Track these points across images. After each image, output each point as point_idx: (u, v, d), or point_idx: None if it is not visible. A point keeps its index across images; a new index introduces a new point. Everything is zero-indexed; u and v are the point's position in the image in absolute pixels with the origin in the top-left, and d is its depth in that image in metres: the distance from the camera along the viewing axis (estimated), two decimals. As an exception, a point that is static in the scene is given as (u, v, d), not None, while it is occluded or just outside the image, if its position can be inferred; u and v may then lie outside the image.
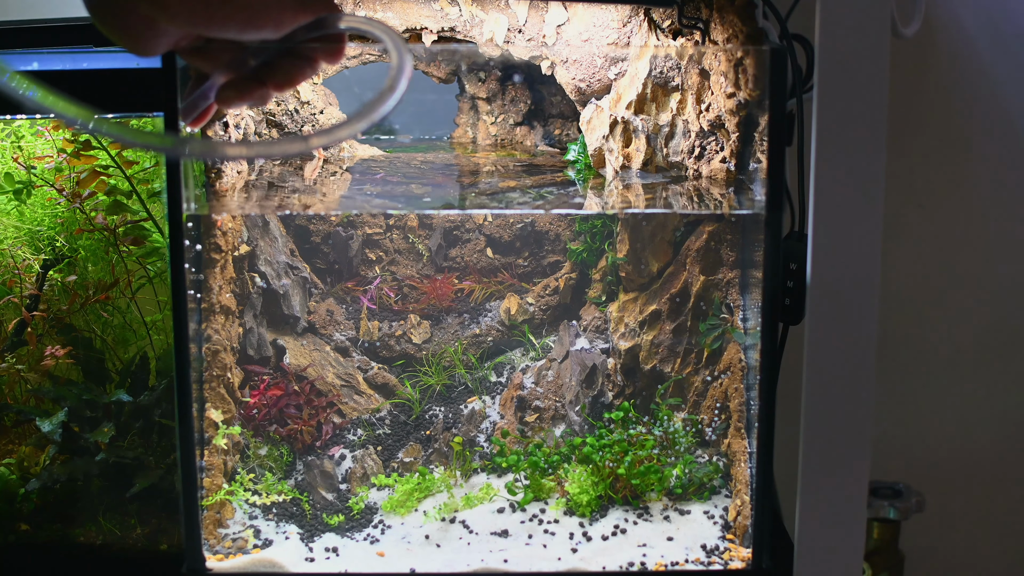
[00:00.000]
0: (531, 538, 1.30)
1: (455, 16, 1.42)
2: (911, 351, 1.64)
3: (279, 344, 1.49)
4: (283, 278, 1.51)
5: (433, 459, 1.46)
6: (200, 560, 1.21)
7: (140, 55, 0.78)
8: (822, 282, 1.06)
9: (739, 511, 1.29)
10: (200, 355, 1.29)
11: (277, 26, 0.77)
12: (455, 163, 1.52)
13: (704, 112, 1.28)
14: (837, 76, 1.03)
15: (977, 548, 1.68)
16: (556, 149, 1.59)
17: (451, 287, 1.64)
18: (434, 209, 1.46)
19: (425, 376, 1.58)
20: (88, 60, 1.26)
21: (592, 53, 1.43)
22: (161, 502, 1.40)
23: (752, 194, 1.20)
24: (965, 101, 1.57)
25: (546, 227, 1.65)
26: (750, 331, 1.30)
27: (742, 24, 1.16)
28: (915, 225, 1.61)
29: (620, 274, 1.55)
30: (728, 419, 1.36)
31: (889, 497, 1.46)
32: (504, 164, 1.47)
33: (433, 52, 1.50)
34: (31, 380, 1.46)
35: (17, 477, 1.41)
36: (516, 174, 1.40)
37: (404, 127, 1.60)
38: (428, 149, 1.57)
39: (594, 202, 1.36)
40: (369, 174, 1.42)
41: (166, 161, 1.11)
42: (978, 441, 1.65)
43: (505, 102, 1.61)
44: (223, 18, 0.74)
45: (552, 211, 1.54)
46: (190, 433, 1.19)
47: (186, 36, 0.79)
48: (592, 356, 1.52)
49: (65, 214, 1.50)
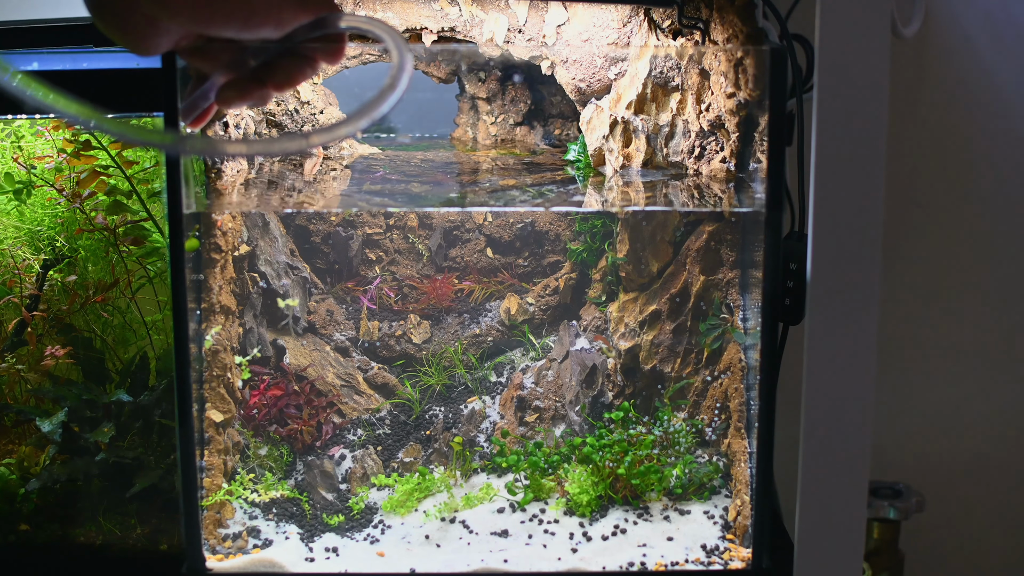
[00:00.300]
0: (531, 538, 1.30)
1: (455, 16, 1.42)
2: (911, 351, 1.64)
3: (279, 344, 1.49)
4: (283, 278, 1.51)
5: (433, 459, 1.46)
6: (200, 560, 1.21)
7: (141, 55, 0.78)
8: (822, 282, 1.06)
9: (739, 511, 1.29)
10: (200, 355, 1.29)
11: (278, 24, 0.77)
12: (455, 161, 1.52)
13: (704, 112, 1.28)
14: (837, 76, 1.03)
15: (977, 548, 1.68)
16: (556, 148, 1.59)
17: (451, 287, 1.64)
18: (434, 207, 1.46)
19: (425, 376, 1.58)
20: (88, 60, 1.26)
21: (592, 53, 1.43)
22: (161, 502, 1.40)
23: (752, 192, 1.20)
24: (965, 101, 1.57)
25: (546, 227, 1.65)
26: (750, 331, 1.30)
27: (742, 24, 1.16)
28: (915, 225, 1.61)
29: (620, 274, 1.55)
30: (728, 419, 1.36)
31: (889, 497, 1.46)
32: (504, 162, 1.47)
33: (433, 52, 1.50)
34: (31, 380, 1.46)
35: (17, 477, 1.41)
36: (516, 172, 1.40)
37: (404, 127, 1.60)
38: (428, 147, 1.57)
39: (594, 199, 1.36)
40: (369, 172, 1.42)
41: (166, 161, 1.11)
42: (978, 441, 1.65)
43: (505, 102, 1.61)
44: (224, 16, 0.74)
45: (552, 208, 1.54)
46: (190, 433, 1.19)
47: (187, 35, 0.79)
48: (592, 356, 1.52)
49: (65, 214, 1.50)
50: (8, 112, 1.35)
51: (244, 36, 0.78)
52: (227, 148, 0.74)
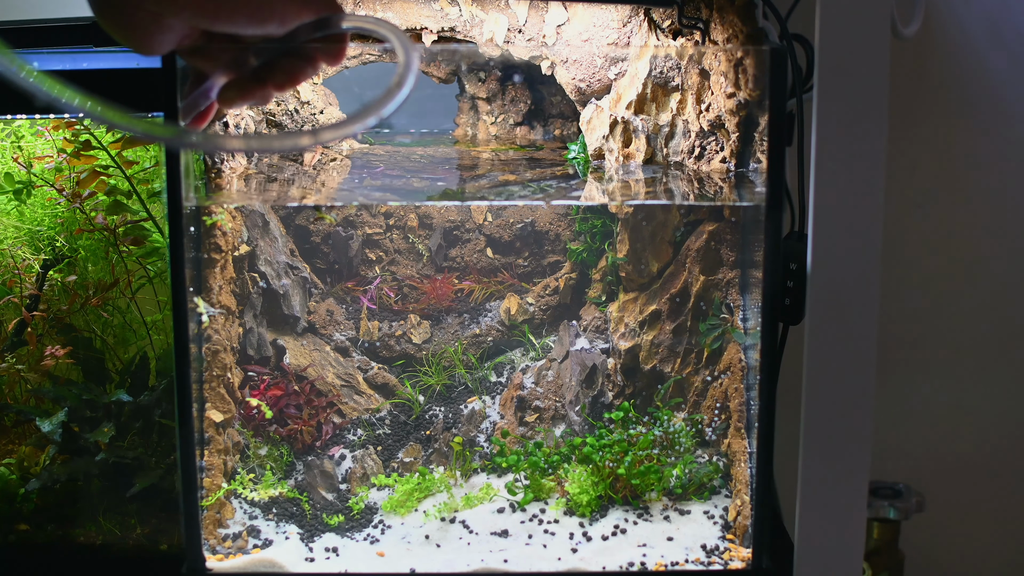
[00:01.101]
0: (531, 538, 1.30)
1: (455, 16, 1.42)
2: (911, 351, 1.64)
3: (279, 344, 1.49)
4: (283, 278, 1.51)
5: (433, 459, 1.46)
6: (200, 560, 1.21)
7: (145, 54, 0.78)
8: (822, 282, 1.06)
9: (739, 511, 1.29)
10: (200, 355, 1.29)
11: (281, 22, 0.77)
12: (455, 157, 1.52)
13: (704, 112, 1.28)
14: (837, 76, 1.03)
15: (977, 548, 1.68)
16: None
17: (451, 287, 1.64)
18: (433, 201, 1.46)
19: (425, 376, 1.58)
20: (88, 60, 1.26)
21: (592, 53, 1.43)
22: (161, 502, 1.40)
23: (753, 187, 1.20)
24: (965, 101, 1.57)
25: (546, 227, 1.65)
26: (750, 331, 1.30)
27: (742, 24, 1.16)
28: (915, 225, 1.61)
29: (620, 274, 1.55)
30: (728, 419, 1.36)
31: (889, 497, 1.46)
32: (505, 157, 1.46)
33: (433, 52, 1.50)
34: (31, 380, 1.46)
35: (17, 477, 1.41)
36: (516, 168, 1.40)
37: (404, 127, 1.61)
38: (429, 143, 1.57)
39: (595, 188, 1.36)
40: (369, 167, 1.41)
41: (166, 160, 1.11)
42: (978, 441, 1.65)
43: (505, 102, 1.61)
44: (229, 12, 0.74)
45: (554, 202, 1.54)
46: (190, 433, 1.19)
47: (190, 34, 0.79)
48: (592, 356, 1.52)
49: (65, 214, 1.50)
50: (8, 112, 1.35)
51: (247, 33, 0.78)
52: (229, 142, 0.74)
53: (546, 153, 1.51)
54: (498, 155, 1.48)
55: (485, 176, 1.38)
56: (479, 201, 1.55)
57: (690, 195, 1.28)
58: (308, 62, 0.81)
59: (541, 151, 1.52)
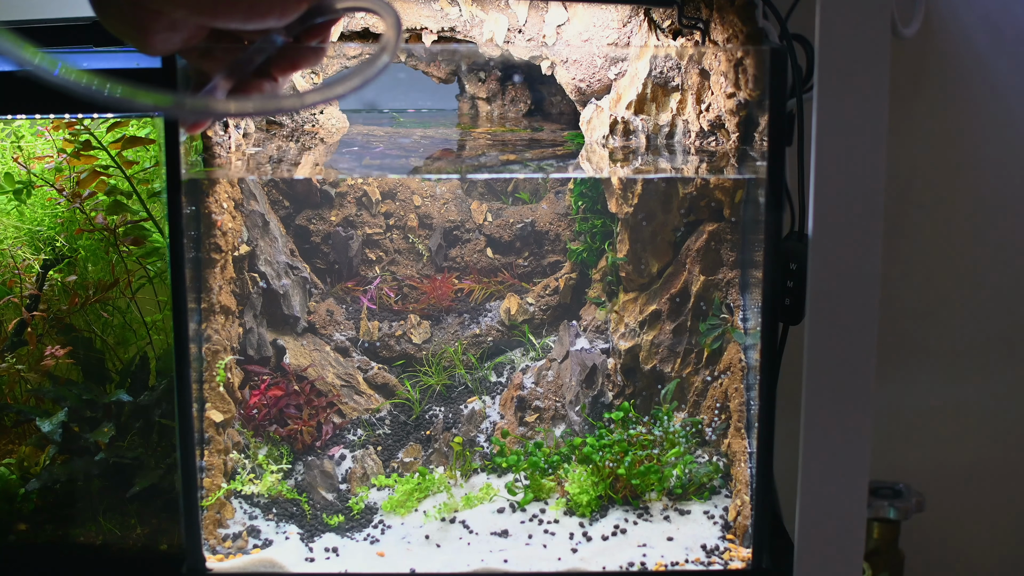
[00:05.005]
0: (531, 538, 1.30)
1: (455, 16, 1.42)
2: (911, 351, 1.64)
3: (279, 344, 1.49)
4: (283, 278, 1.51)
5: (433, 459, 1.46)
6: (200, 560, 1.21)
7: (148, 52, 0.78)
8: (822, 282, 1.06)
9: (739, 511, 1.29)
10: (200, 355, 1.29)
11: (281, 13, 0.77)
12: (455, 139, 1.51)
13: (704, 112, 1.28)
14: (837, 76, 1.03)
15: (977, 548, 1.68)
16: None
17: (451, 287, 1.64)
18: (432, 175, 1.46)
19: (425, 376, 1.58)
20: (88, 60, 1.26)
21: (592, 53, 1.43)
22: (161, 502, 1.40)
23: (755, 162, 1.19)
24: (965, 101, 1.57)
25: (546, 227, 1.65)
26: (750, 331, 1.30)
27: (742, 24, 1.16)
28: (915, 225, 1.61)
29: (620, 274, 1.55)
30: (728, 419, 1.36)
31: (889, 497, 1.46)
32: (505, 138, 1.46)
33: (433, 52, 1.50)
34: (31, 380, 1.46)
35: (17, 477, 1.41)
36: (516, 148, 1.39)
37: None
38: (428, 124, 1.56)
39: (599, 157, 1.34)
40: (368, 148, 1.41)
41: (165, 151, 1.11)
42: (978, 441, 1.65)
43: (505, 102, 1.61)
44: (228, 6, 0.74)
45: (552, 175, 1.53)
46: (190, 433, 1.19)
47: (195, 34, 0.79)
48: (592, 356, 1.52)
49: (65, 214, 1.50)
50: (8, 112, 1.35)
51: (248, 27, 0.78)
52: (228, 107, 0.74)
53: (547, 134, 1.50)
54: (499, 135, 1.48)
55: (485, 156, 1.37)
56: (477, 175, 1.53)
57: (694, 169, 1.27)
58: (310, 50, 0.81)
59: (541, 132, 1.51)
